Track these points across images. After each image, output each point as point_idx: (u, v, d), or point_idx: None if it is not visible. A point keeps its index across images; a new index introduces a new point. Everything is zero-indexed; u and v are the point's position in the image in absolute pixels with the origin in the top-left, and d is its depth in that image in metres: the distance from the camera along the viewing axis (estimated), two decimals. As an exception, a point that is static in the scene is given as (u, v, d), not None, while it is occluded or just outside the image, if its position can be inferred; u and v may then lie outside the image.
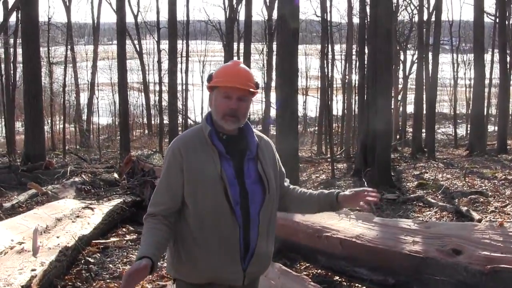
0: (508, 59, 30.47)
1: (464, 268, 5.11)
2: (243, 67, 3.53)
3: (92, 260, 8.24)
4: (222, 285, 3.46)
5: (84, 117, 47.45)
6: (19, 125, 39.18)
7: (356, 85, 28.51)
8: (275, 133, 12.08)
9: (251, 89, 3.49)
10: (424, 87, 30.74)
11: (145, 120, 55.82)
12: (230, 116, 3.43)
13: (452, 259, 5.25)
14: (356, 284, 6.75)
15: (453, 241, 5.38)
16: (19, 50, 24.64)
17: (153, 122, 51.94)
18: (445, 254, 5.34)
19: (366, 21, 22.30)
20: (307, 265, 7.80)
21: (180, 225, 3.45)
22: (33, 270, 6.11)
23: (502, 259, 4.88)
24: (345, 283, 6.94)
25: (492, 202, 12.38)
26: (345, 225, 6.62)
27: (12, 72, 31.64)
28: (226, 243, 3.37)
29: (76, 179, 15.60)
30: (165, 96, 33.52)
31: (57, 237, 7.79)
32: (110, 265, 8.12)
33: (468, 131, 36.83)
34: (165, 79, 32.99)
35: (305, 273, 7.44)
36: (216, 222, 3.35)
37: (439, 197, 13.49)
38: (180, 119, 35.40)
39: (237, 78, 3.45)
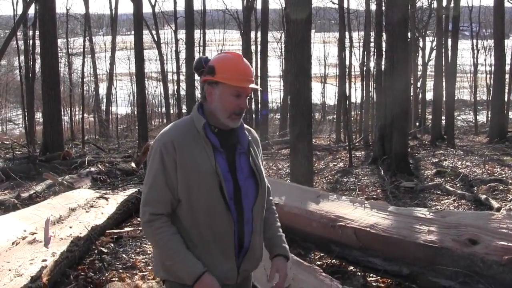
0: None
1: (480, 259, 5.01)
2: (247, 62, 3.40)
3: (105, 250, 8.22)
4: None
5: (103, 107, 47.67)
6: (39, 116, 39.27)
7: (374, 72, 28.32)
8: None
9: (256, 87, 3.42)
10: (443, 73, 30.41)
11: (163, 109, 55.92)
12: (237, 115, 3.34)
13: (468, 249, 5.14)
14: (371, 274, 6.67)
15: (469, 231, 5.26)
16: (38, 42, 24.61)
17: (171, 111, 51.94)
18: (461, 244, 5.22)
19: (383, 7, 22.11)
20: (321, 255, 7.73)
21: None
22: (44, 260, 6.08)
23: (519, 249, 4.77)
24: (359, 273, 6.86)
25: (512, 190, 12.25)
26: (360, 215, 6.51)
27: (31, 64, 31.72)
28: (221, 239, 3.28)
29: (92, 169, 15.64)
30: (183, 85, 33.44)
31: (70, 227, 7.76)
32: (123, 255, 8.08)
33: (489, 118, 36.54)
34: (183, 69, 32.93)
35: (319, 263, 7.38)
36: (211, 218, 3.25)
37: (458, 185, 13.37)
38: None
39: (249, 76, 3.36)
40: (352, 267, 7.03)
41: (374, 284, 6.53)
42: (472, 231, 5.25)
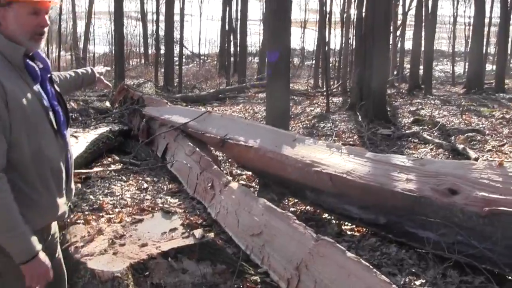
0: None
1: (460, 210, 4.85)
2: None
3: (73, 191, 7.96)
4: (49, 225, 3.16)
5: (81, 45, 47.11)
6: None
7: (354, 19, 28.11)
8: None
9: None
10: (423, 23, 30.35)
11: (142, 49, 55.41)
12: (40, 35, 2.99)
13: (447, 199, 4.97)
14: (346, 223, 6.51)
15: (449, 180, 5.09)
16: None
17: (149, 51, 51.47)
18: (440, 193, 5.05)
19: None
20: (295, 201, 7.57)
21: None
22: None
23: (501, 201, 4.60)
24: (334, 221, 6.69)
25: (489, 141, 12.24)
26: (336, 160, 6.30)
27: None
28: (57, 173, 3.05)
29: (64, 106, 15.30)
30: (162, 25, 33.04)
31: (35, 166, 7.48)
32: (91, 196, 7.83)
33: (466, 69, 36.63)
34: (163, 9, 32.50)
35: (293, 209, 7.22)
36: (46, 153, 2.96)
37: (435, 134, 13.33)
38: (176, 49, 35.01)
39: None
40: (326, 215, 6.87)
41: (349, 232, 6.37)
42: (452, 181, 5.07)
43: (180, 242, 4.94)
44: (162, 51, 34.22)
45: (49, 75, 3.18)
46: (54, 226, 3.30)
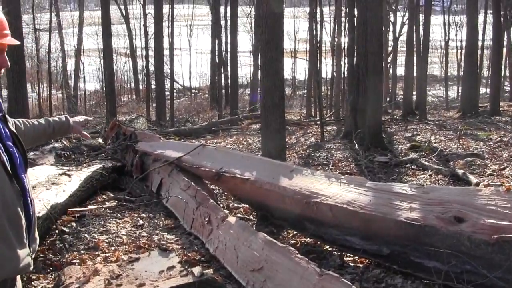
0: (501, 19, 29.84)
1: (467, 238, 4.69)
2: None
3: (67, 230, 7.79)
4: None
5: (71, 83, 47.17)
6: (4, 93, 38.71)
7: (345, 47, 28.13)
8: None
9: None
10: (415, 48, 30.33)
11: (132, 85, 55.42)
12: None
13: (453, 228, 4.82)
14: (348, 254, 6.33)
15: (455, 208, 4.94)
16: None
17: (140, 87, 51.46)
18: (446, 222, 4.90)
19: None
20: (295, 233, 7.41)
21: None
22: None
23: (510, 228, 4.44)
24: (336, 253, 6.52)
25: (489, 165, 12.09)
26: (336, 190, 6.15)
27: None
28: (14, 222, 2.80)
29: (56, 144, 15.13)
30: (152, 60, 33.08)
31: (29, 206, 7.29)
32: (86, 235, 7.65)
33: (459, 93, 36.66)
34: (152, 44, 32.56)
35: (292, 241, 7.07)
36: (2, 200, 2.72)
37: (433, 159, 13.17)
38: (167, 84, 34.98)
39: (4, 30, 2.85)
40: (328, 246, 6.69)
41: (352, 264, 6.20)
42: (457, 208, 4.92)
43: (179, 281, 4.77)
44: (153, 86, 34.25)
45: (1, 114, 2.98)
46: (18, 279, 3.04)
